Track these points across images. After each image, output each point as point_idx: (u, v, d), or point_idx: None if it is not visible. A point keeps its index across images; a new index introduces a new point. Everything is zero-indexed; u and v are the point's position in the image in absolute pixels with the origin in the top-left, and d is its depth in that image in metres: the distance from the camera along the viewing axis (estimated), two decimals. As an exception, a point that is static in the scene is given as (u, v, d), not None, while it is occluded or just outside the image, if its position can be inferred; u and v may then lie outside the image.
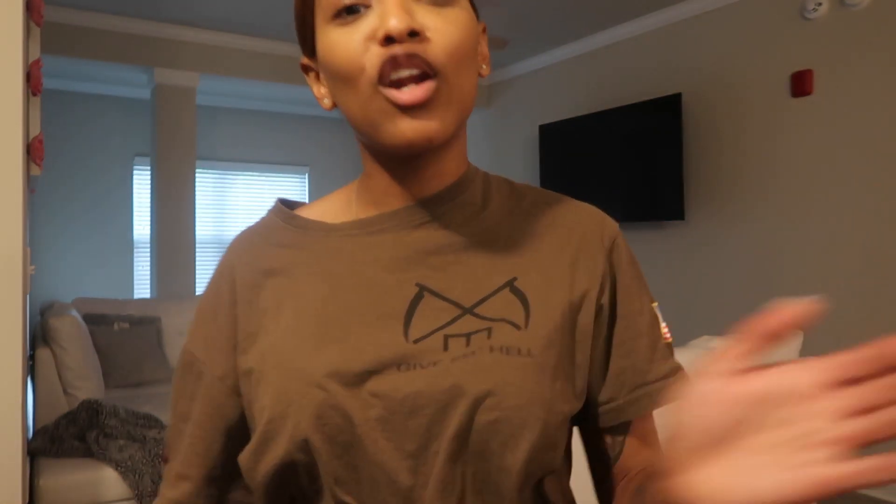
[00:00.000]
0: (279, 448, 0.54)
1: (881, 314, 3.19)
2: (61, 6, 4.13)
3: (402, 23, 0.49)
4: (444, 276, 0.57)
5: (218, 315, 0.62)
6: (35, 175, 1.96)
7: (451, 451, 0.52)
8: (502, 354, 0.53)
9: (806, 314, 0.36)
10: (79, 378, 2.87)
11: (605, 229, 0.61)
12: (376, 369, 0.53)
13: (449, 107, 0.52)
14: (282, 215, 0.64)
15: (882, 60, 3.19)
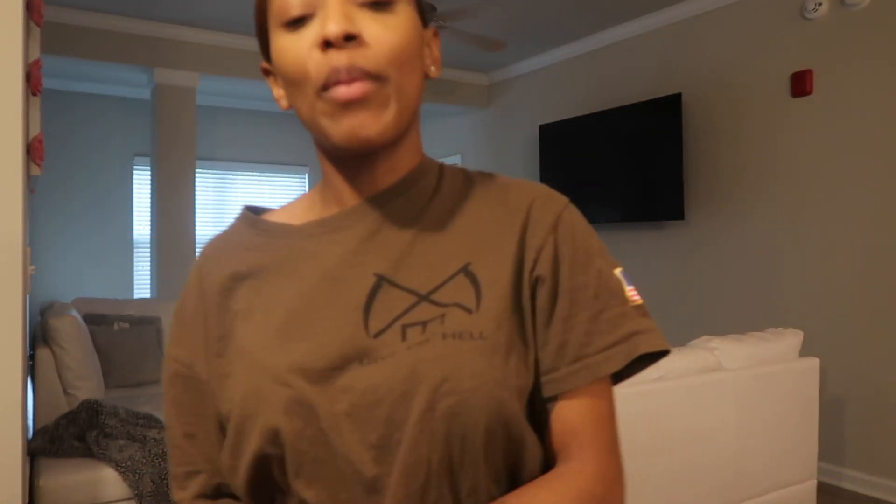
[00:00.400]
0: (252, 443, 0.56)
1: (881, 314, 3.19)
2: (61, 6, 4.13)
3: (339, 27, 0.52)
4: (403, 266, 0.59)
5: (195, 321, 0.64)
6: (35, 175, 1.96)
7: (414, 438, 0.53)
8: (454, 340, 0.55)
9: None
10: (79, 378, 2.87)
11: (549, 205, 0.62)
12: (340, 365, 0.56)
13: (388, 107, 0.55)
14: (248, 221, 0.67)
15: (882, 60, 3.19)
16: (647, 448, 2.11)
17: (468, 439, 0.54)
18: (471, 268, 0.59)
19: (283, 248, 0.63)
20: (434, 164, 0.66)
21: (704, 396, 2.27)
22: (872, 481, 3.22)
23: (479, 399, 0.54)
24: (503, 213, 0.62)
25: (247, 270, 0.63)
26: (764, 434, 2.44)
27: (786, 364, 2.55)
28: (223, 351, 0.61)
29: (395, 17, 0.55)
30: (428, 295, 0.57)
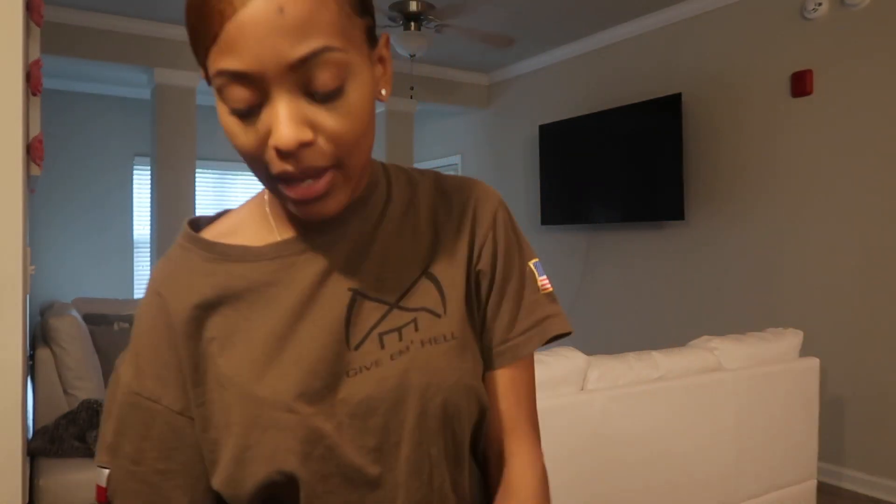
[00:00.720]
0: (258, 471, 0.57)
1: (881, 314, 3.19)
2: (61, 6, 4.13)
3: (292, 139, 0.51)
4: (374, 277, 0.62)
5: (160, 350, 0.61)
6: (35, 175, 1.96)
7: (414, 439, 0.60)
8: (431, 345, 0.61)
9: None
10: (79, 378, 2.87)
11: (488, 203, 0.68)
12: (331, 382, 0.59)
13: (345, 186, 0.56)
14: (198, 244, 0.63)
15: (882, 60, 3.19)
16: (647, 448, 2.11)
17: (456, 427, 0.62)
18: (431, 270, 0.64)
19: (249, 273, 0.61)
20: (379, 170, 0.67)
21: (704, 396, 2.27)
22: (872, 481, 3.22)
23: (459, 391, 0.62)
24: (449, 216, 0.67)
25: (214, 298, 0.61)
26: (764, 434, 2.44)
27: (786, 364, 2.55)
28: (199, 381, 0.60)
29: (346, 100, 0.53)
30: (397, 302, 0.62)
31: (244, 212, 0.66)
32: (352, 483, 0.59)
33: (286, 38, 0.49)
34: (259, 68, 0.50)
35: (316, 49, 0.50)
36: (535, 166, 5.25)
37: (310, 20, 0.49)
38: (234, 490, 0.59)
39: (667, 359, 2.24)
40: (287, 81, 0.51)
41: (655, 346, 2.42)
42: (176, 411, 0.61)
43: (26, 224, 1.73)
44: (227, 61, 0.50)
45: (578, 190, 4.74)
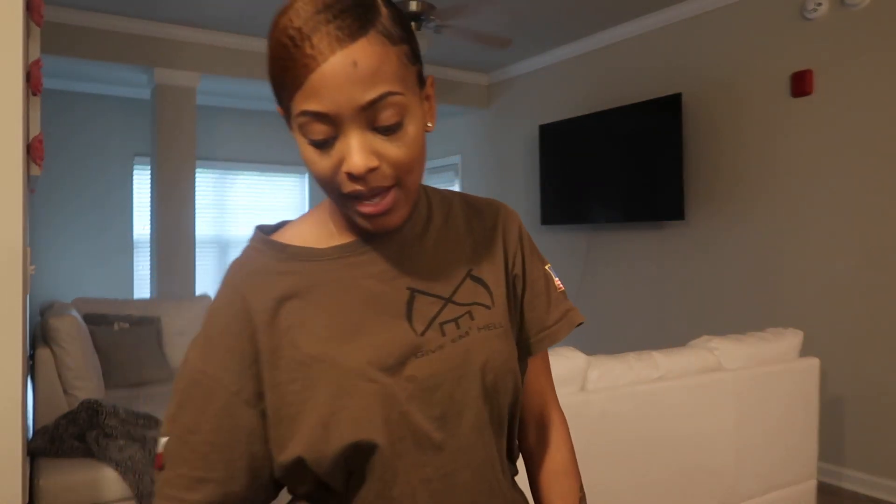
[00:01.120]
0: (344, 433, 0.67)
1: (881, 314, 3.19)
2: (61, 6, 4.13)
3: (362, 165, 0.63)
4: (424, 277, 0.75)
5: (231, 337, 0.70)
6: (35, 175, 1.96)
7: (473, 409, 0.73)
8: (486, 331, 0.75)
9: None
10: (79, 378, 2.87)
11: (512, 219, 0.84)
12: (401, 360, 0.70)
13: (406, 203, 0.69)
14: (270, 246, 0.75)
15: (882, 60, 3.19)
16: (646, 448, 2.11)
17: (502, 399, 0.76)
18: (474, 272, 0.78)
19: (317, 271, 0.73)
20: (422, 190, 0.81)
21: (704, 396, 2.27)
22: (872, 481, 3.22)
23: (506, 370, 0.75)
24: (483, 228, 0.82)
25: (288, 292, 0.71)
26: (764, 434, 2.44)
27: (786, 364, 2.55)
28: (276, 363, 0.69)
29: (404, 133, 0.65)
30: (450, 298, 0.75)
31: (307, 220, 0.78)
32: (420, 446, 0.70)
33: (358, 86, 0.62)
34: (336, 110, 0.62)
35: (381, 94, 0.63)
36: (535, 166, 5.25)
37: (377, 71, 0.62)
38: (318, 452, 0.67)
39: (667, 359, 2.24)
40: (358, 119, 0.63)
41: (655, 346, 2.42)
42: (233, 392, 0.69)
43: (26, 224, 1.73)
44: (310, 104, 0.62)
45: (578, 190, 4.74)
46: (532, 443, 0.88)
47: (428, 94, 0.71)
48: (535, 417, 0.88)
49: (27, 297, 1.78)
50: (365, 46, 0.62)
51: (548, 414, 0.88)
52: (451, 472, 0.72)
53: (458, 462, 0.72)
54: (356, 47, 0.61)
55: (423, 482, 0.70)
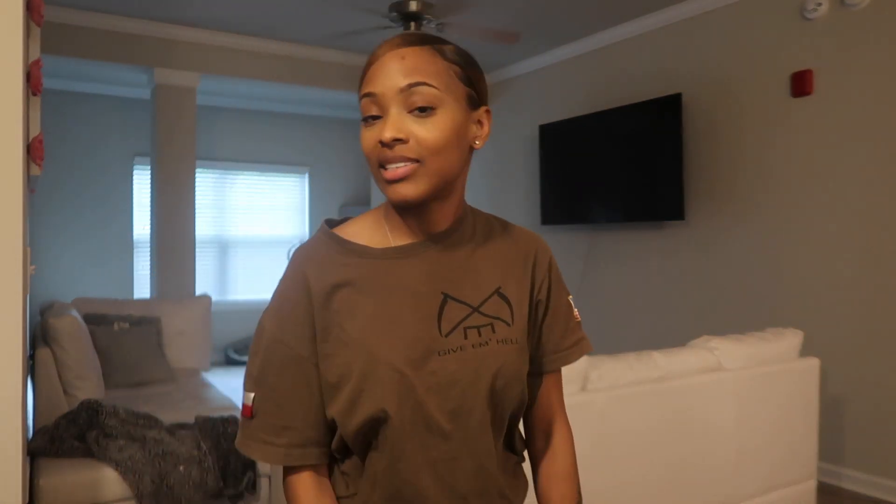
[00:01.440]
0: (367, 408, 0.81)
1: (881, 314, 3.19)
2: (61, 6, 4.13)
3: (391, 135, 0.78)
4: (457, 286, 0.87)
5: (299, 312, 0.85)
6: (35, 175, 1.96)
7: (482, 408, 0.85)
8: (503, 344, 0.87)
9: None
10: (79, 378, 2.87)
11: (546, 252, 0.97)
12: (426, 355, 0.83)
13: (424, 180, 0.80)
14: (333, 240, 0.89)
15: (882, 60, 3.18)
16: (647, 448, 2.11)
17: (507, 404, 0.88)
18: (502, 290, 0.90)
19: (371, 267, 0.86)
20: (469, 210, 0.94)
21: (704, 396, 2.27)
22: (872, 481, 3.22)
23: (514, 380, 0.87)
24: (517, 254, 0.94)
25: (343, 280, 0.85)
26: (764, 434, 2.44)
27: (786, 364, 2.55)
28: (326, 337, 0.84)
29: (435, 119, 0.80)
30: (478, 307, 0.87)
31: (366, 221, 0.91)
32: (431, 431, 0.83)
33: (401, 74, 0.79)
34: (382, 90, 0.80)
35: (417, 81, 0.79)
36: (535, 166, 5.25)
37: (419, 67, 0.80)
38: (346, 418, 0.83)
39: (667, 359, 2.24)
40: (397, 101, 0.79)
41: (655, 346, 2.42)
42: (305, 356, 0.85)
43: (26, 224, 1.73)
44: (366, 87, 0.82)
45: (578, 190, 4.74)
46: (538, 449, 1.00)
47: (480, 119, 0.88)
48: (542, 426, 1.00)
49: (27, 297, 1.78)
50: (416, 50, 0.81)
51: (554, 424, 1.00)
52: (455, 457, 0.84)
53: (463, 451, 0.84)
54: (408, 49, 0.81)
55: (428, 463, 0.83)
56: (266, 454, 0.85)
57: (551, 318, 0.95)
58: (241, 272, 6.78)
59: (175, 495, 2.35)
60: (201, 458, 2.43)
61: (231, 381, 5.65)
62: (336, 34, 4.73)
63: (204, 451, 2.45)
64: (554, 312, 0.96)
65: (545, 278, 0.95)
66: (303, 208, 7.11)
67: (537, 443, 1.00)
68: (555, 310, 0.96)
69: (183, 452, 2.43)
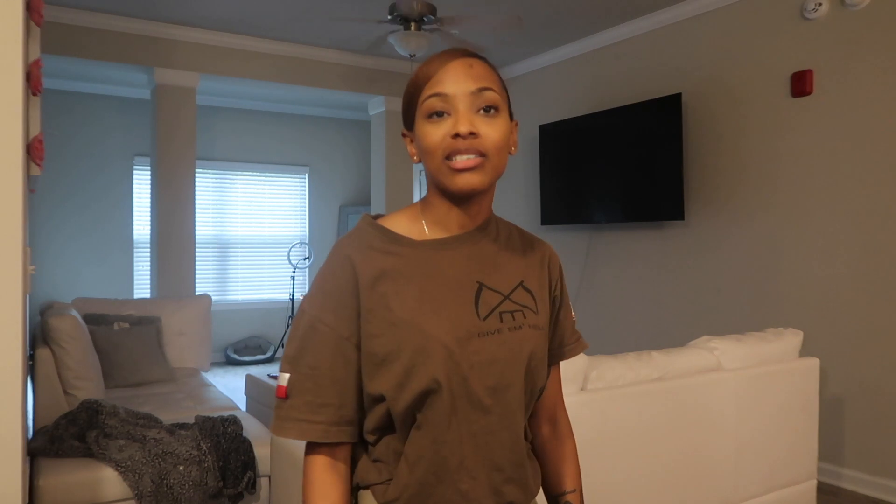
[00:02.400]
0: (420, 381, 0.87)
1: (881, 314, 3.19)
2: (61, 6, 4.13)
3: (467, 128, 0.87)
4: (490, 275, 0.96)
5: (344, 294, 0.91)
6: (35, 175, 1.96)
7: (517, 386, 0.93)
8: (534, 330, 0.96)
9: None
10: (79, 378, 2.87)
11: (554, 254, 1.07)
12: (468, 336, 0.90)
13: (488, 172, 0.90)
14: (377, 229, 0.96)
15: (882, 60, 3.19)
16: (646, 448, 2.11)
17: (536, 383, 0.97)
18: (525, 284, 0.99)
19: (413, 255, 0.94)
20: (493, 214, 1.02)
21: (704, 396, 2.27)
22: (872, 481, 3.22)
23: (542, 362, 0.97)
24: (533, 255, 1.03)
25: (389, 267, 0.92)
26: (764, 434, 2.44)
27: (786, 364, 2.55)
28: (371, 319, 0.89)
29: (497, 120, 0.90)
30: (508, 295, 0.96)
31: (404, 216, 0.99)
32: (473, 404, 0.89)
33: (471, 79, 0.89)
34: (454, 92, 0.89)
35: (485, 86, 0.90)
36: (535, 166, 5.25)
37: (484, 74, 0.91)
38: (399, 392, 0.88)
39: (667, 359, 2.23)
40: (466, 102, 0.89)
41: (655, 346, 2.42)
42: (345, 337, 0.90)
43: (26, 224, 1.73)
44: (435, 88, 0.90)
45: (578, 190, 4.74)
46: (545, 434, 1.09)
47: (513, 130, 0.95)
48: (548, 414, 1.09)
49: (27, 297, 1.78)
50: (479, 61, 0.92)
51: (558, 413, 1.10)
52: (494, 430, 0.91)
53: (501, 424, 0.91)
54: (473, 59, 0.91)
55: (470, 435, 0.90)
56: (304, 431, 0.89)
57: (563, 314, 1.07)
58: (241, 272, 6.78)
59: (175, 495, 2.35)
60: (201, 458, 2.43)
61: (231, 381, 5.65)
62: (336, 34, 4.73)
63: (204, 451, 2.45)
64: (565, 310, 1.07)
65: (558, 279, 1.05)
66: (303, 208, 7.11)
67: (543, 429, 1.09)
68: (565, 307, 1.07)
69: (183, 452, 2.43)
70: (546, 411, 1.08)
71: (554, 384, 1.09)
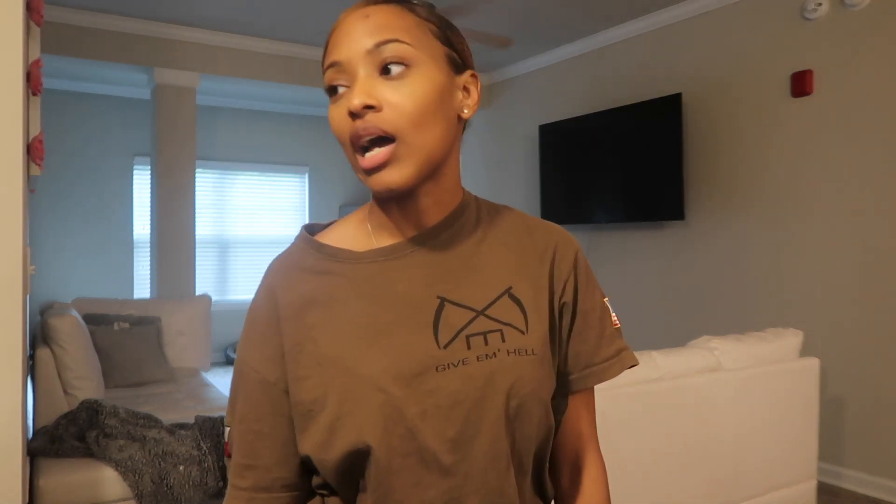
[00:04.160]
0: (346, 439, 0.66)
1: (881, 314, 3.19)
2: (61, 6, 4.13)
3: (360, 101, 0.65)
4: (457, 287, 0.72)
5: (266, 331, 0.73)
6: (35, 175, 1.96)
7: (490, 435, 0.68)
8: (516, 356, 0.70)
9: None
10: (79, 378, 2.87)
11: (570, 246, 0.79)
12: (420, 372, 0.67)
13: (407, 162, 0.66)
14: (312, 245, 0.76)
15: (882, 60, 3.19)
16: (646, 448, 2.11)
17: (526, 432, 0.71)
18: (513, 291, 0.73)
19: (352, 272, 0.73)
20: (472, 198, 0.78)
21: (704, 396, 2.27)
22: (872, 481, 3.22)
23: (533, 400, 0.70)
24: (533, 249, 0.77)
25: (319, 290, 0.72)
26: (764, 434, 2.44)
27: (786, 364, 2.55)
28: (297, 357, 0.71)
29: (409, 80, 0.66)
30: (483, 311, 0.71)
31: (350, 222, 0.78)
32: (427, 466, 0.67)
33: (366, 34, 0.66)
34: (347, 56, 0.67)
35: (386, 39, 0.66)
36: (535, 166, 5.25)
37: (387, 23, 0.67)
38: (323, 454, 0.68)
39: (667, 359, 2.24)
40: (365, 64, 0.66)
41: (655, 346, 2.42)
42: (271, 382, 0.72)
43: (26, 224, 1.73)
44: (330, 56, 0.69)
45: (578, 190, 4.74)
46: (566, 485, 0.82)
47: (467, 86, 0.73)
48: (570, 459, 0.82)
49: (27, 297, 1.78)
50: (382, 7, 0.68)
51: (584, 457, 0.81)
52: (456, 498, 0.68)
53: (466, 489, 0.68)
54: (373, 7, 0.68)
55: None
56: (229, 500, 0.73)
57: (581, 325, 0.78)
58: (241, 272, 6.78)
59: (175, 495, 2.35)
60: (201, 458, 2.43)
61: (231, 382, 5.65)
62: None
63: (204, 451, 2.45)
64: (585, 317, 0.78)
65: (570, 276, 0.77)
66: (303, 208, 7.12)
67: (563, 478, 0.82)
68: (585, 314, 0.78)
69: (183, 452, 2.43)
70: (565, 454, 0.81)
71: (577, 419, 0.81)
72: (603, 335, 0.79)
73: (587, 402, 0.82)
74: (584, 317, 0.78)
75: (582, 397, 0.81)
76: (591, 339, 0.78)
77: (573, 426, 0.81)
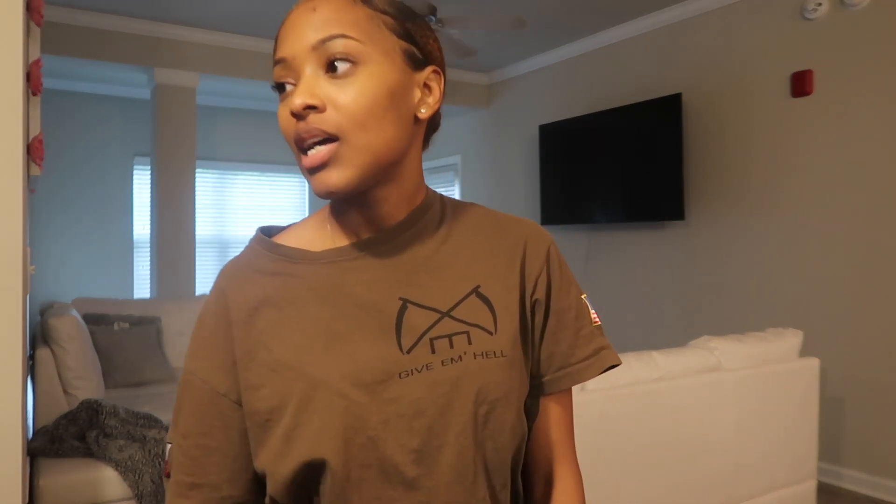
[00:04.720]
0: (301, 449, 0.62)
1: (881, 314, 3.19)
2: (61, 6, 4.13)
3: (301, 101, 0.61)
4: (420, 288, 0.68)
5: (215, 338, 0.69)
6: (35, 175, 1.96)
7: (458, 445, 0.64)
8: (483, 359, 0.66)
9: None
10: (79, 378, 2.87)
11: (542, 240, 0.74)
12: (382, 379, 0.63)
13: (349, 163, 0.62)
14: (266, 245, 0.72)
15: (882, 60, 3.19)
16: (646, 448, 2.11)
17: (499, 440, 0.66)
18: (481, 290, 0.69)
19: (307, 273, 0.68)
20: (436, 197, 0.75)
21: (704, 396, 2.27)
22: (872, 481, 3.22)
23: (503, 405, 0.66)
24: (503, 245, 0.73)
25: (273, 293, 0.68)
26: (764, 434, 2.44)
27: (786, 364, 2.55)
28: (249, 364, 0.66)
29: (355, 79, 0.62)
30: (449, 312, 0.67)
31: (309, 224, 0.74)
32: (388, 479, 0.63)
33: (312, 28, 0.62)
34: (292, 52, 0.63)
35: (332, 34, 0.62)
36: (535, 166, 5.25)
37: (334, 17, 0.63)
38: (276, 467, 0.63)
39: (667, 359, 2.24)
40: (310, 61, 0.62)
41: (655, 346, 2.42)
42: (221, 393, 0.67)
43: (26, 224, 1.73)
44: (276, 53, 0.65)
45: (578, 190, 4.74)
46: (538, 498, 0.76)
47: (428, 84, 0.68)
48: (543, 471, 0.76)
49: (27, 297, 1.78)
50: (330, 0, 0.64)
51: (559, 472, 0.75)
52: None
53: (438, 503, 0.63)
54: (320, 0, 0.64)
55: None
56: None
57: (556, 324, 0.73)
58: (241, 272, 6.78)
59: (175, 495, 2.35)
60: (201, 458, 2.43)
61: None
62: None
63: (204, 451, 2.45)
64: (559, 315, 0.73)
65: (542, 272, 0.73)
66: (303, 208, 7.11)
67: (536, 491, 0.76)
68: (560, 312, 0.73)
69: (183, 452, 2.43)
70: (538, 466, 0.76)
71: (550, 426, 0.75)
72: (579, 334, 0.74)
73: (563, 407, 0.76)
74: (559, 315, 0.73)
75: (556, 401, 0.75)
76: (567, 338, 0.73)
77: (545, 435, 0.75)
